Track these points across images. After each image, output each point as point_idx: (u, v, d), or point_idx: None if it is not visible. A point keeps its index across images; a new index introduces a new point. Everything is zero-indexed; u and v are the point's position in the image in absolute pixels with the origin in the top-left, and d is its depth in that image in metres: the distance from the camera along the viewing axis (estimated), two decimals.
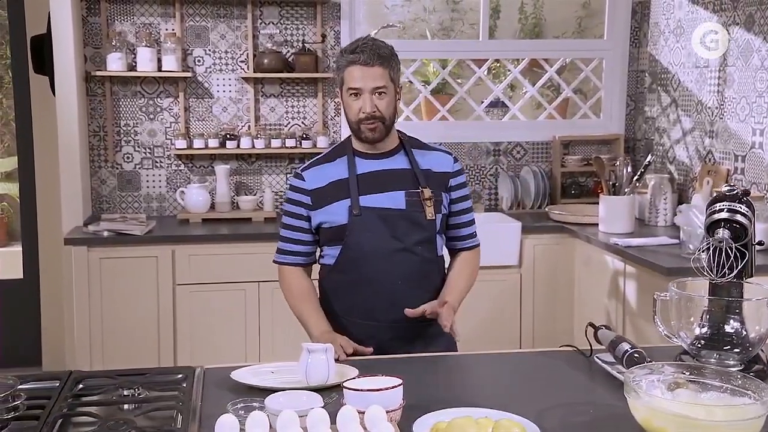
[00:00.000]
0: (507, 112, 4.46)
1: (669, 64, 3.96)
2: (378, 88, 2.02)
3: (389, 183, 2.07)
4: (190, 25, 3.96)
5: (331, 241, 2.09)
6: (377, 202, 2.05)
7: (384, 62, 2.03)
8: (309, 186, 2.10)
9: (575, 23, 5.43)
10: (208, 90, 4.00)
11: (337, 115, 4.12)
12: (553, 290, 3.76)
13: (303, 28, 4.04)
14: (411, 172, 2.09)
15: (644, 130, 4.25)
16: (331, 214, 2.07)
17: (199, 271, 3.50)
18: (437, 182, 2.10)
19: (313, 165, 2.14)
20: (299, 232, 2.14)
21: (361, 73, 2.01)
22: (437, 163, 2.13)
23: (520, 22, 5.52)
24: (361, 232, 2.04)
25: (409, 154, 2.11)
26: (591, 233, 3.57)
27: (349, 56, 2.03)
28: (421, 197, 2.05)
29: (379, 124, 2.04)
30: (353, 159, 2.10)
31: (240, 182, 4.07)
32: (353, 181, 2.06)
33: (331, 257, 2.11)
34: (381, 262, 2.04)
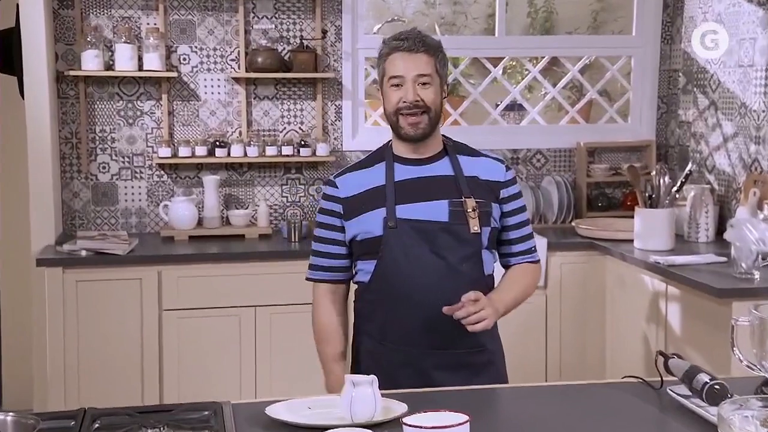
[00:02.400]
0: (525, 116, 4.50)
1: (707, 63, 4.02)
2: (422, 76, 2.03)
3: (430, 191, 2.07)
4: (174, 19, 3.96)
5: (366, 255, 2.10)
6: (416, 213, 2.06)
7: (430, 50, 2.05)
8: (342, 194, 2.12)
9: (590, 17, 5.50)
10: (194, 92, 4.00)
11: (338, 119, 4.14)
12: (582, 314, 3.78)
13: (300, 23, 4.05)
14: (455, 180, 2.10)
15: (678, 135, 4.30)
16: (365, 224, 2.07)
17: (187, 295, 3.49)
18: (485, 191, 2.11)
19: (347, 171, 2.16)
20: (332, 244, 2.15)
21: (404, 59, 2.03)
22: (486, 171, 2.14)
23: (529, 17, 5.58)
24: (397, 246, 2.04)
25: (454, 159, 2.12)
26: (625, 250, 3.59)
27: (392, 43, 2.06)
28: (464, 207, 2.06)
29: (423, 117, 2.05)
30: (392, 165, 2.10)
31: (230, 195, 4.06)
32: (390, 188, 2.07)
33: (365, 273, 2.12)
34: (419, 281, 2.04)
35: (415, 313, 2.05)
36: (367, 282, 2.11)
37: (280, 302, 3.54)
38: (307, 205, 4.13)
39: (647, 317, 3.44)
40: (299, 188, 4.12)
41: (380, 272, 2.07)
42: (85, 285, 3.42)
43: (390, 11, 5.20)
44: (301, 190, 4.13)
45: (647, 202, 3.62)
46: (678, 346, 3.21)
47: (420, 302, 2.05)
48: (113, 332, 3.45)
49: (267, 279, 3.54)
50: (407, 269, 2.04)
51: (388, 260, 2.05)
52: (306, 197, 4.13)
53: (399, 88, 2.04)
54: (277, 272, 3.55)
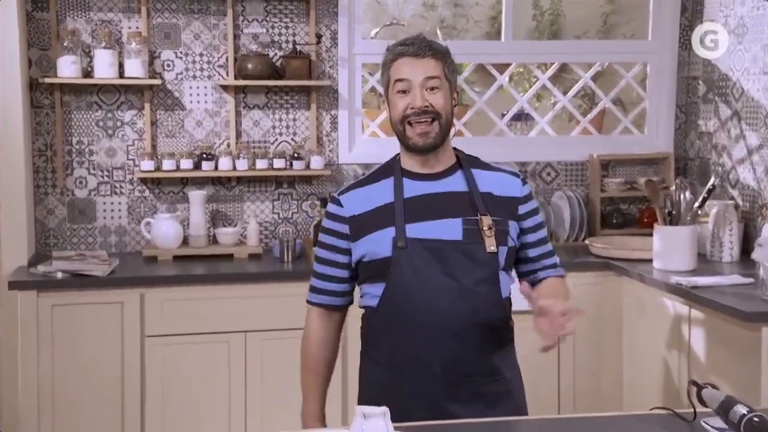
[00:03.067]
0: (533, 126, 4.49)
1: (729, 70, 4.01)
2: (430, 79, 2.04)
3: (443, 209, 2.07)
4: (157, 22, 3.95)
5: (373, 277, 2.09)
6: (427, 232, 2.05)
7: (437, 54, 2.07)
8: (347, 212, 2.11)
9: (599, 20, 5.51)
10: (179, 100, 3.99)
11: (334, 129, 4.12)
12: (597, 339, 3.76)
13: (294, 27, 4.05)
14: (468, 196, 2.09)
15: (698, 147, 4.30)
16: (373, 245, 2.07)
17: (172, 320, 3.47)
18: (501, 208, 2.11)
19: (352, 188, 2.16)
20: (333, 267, 2.15)
21: (411, 64, 2.04)
22: (501, 186, 2.14)
23: (534, 19, 5.58)
24: (408, 267, 2.04)
25: (468, 174, 2.12)
26: (644, 271, 3.58)
27: (396, 48, 2.08)
28: (479, 225, 2.05)
29: (433, 125, 2.05)
30: (401, 180, 2.10)
31: (218, 211, 4.04)
32: (399, 206, 2.06)
33: (372, 297, 2.11)
34: (431, 305, 2.03)
35: (426, 340, 2.04)
36: (375, 306, 2.10)
37: (272, 327, 3.52)
38: (301, 222, 4.11)
39: (668, 343, 3.42)
40: (292, 204, 4.10)
41: (389, 296, 2.06)
42: (61, 309, 3.39)
43: (388, 14, 5.20)
44: (293, 206, 4.11)
45: (667, 219, 3.60)
46: (702, 374, 3.18)
47: (432, 327, 2.04)
48: (91, 360, 3.42)
49: (258, 302, 3.52)
50: (418, 292, 2.04)
51: (398, 283, 2.05)
52: (299, 214, 4.11)
53: (405, 94, 2.05)
54: (269, 295, 3.54)
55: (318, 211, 4.07)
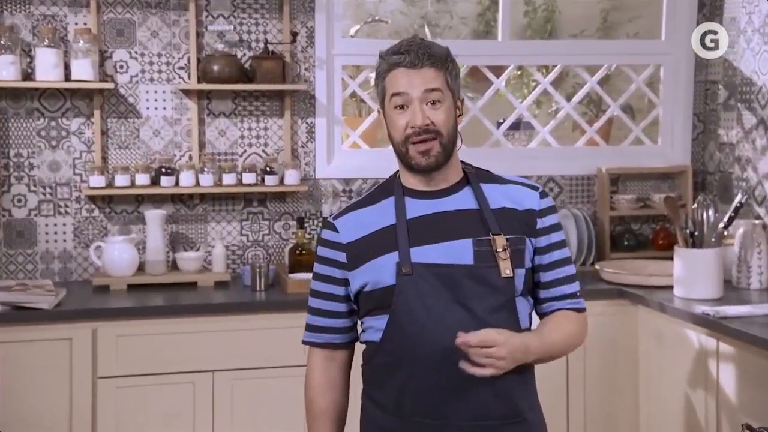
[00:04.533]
0: (534, 136, 4.50)
1: (753, 73, 4.06)
2: (430, 91, 2.05)
3: (451, 229, 2.08)
4: (109, 18, 3.92)
5: (376, 309, 2.09)
6: (434, 256, 2.05)
7: (437, 63, 2.07)
8: (344, 238, 2.12)
9: (599, 18, 5.56)
10: (134, 107, 3.96)
11: (311, 140, 4.11)
12: (610, 376, 3.76)
13: (265, 24, 4.04)
14: (479, 214, 2.09)
15: (718, 160, 4.33)
16: (374, 273, 2.07)
17: (128, 359, 3.44)
18: (517, 225, 2.11)
19: (348, 210, 2.16)
20: (332, 301, 2.15)
21: (408, 75, 2.05)
22: (515, 199, 2.14)
23: (527, 17, 5.62)
24: (414, 296, 2.04)
25: (477, 189, 2.13)
26: (664, 299, 3.59)
27: (391, 58, 2.07)
28: (492, 247, 2.05)
29: (434, 143, 2.06)
30: (402, 200, 2.11)
31: (179, 233, 4.02)
32: (402, 228, 2.07)
33: (375, 331, 2.11)
34: (441, 338, 2.02)
35: (436, 377, 2.04)
36: (378, 341, 2.10)
37: (243, 366, 3.50)
38: (273, 245, 4.08)
39: (692, 380, 3.42)
40: (263, 225, 4.08)
41: (394, 329, 2.06)
42: (1, 348, 3.33)
43: (368, 10, 5.21)
44: (264, 227, 4.09)
45: (689, 240, 3.62)
46: (733, 414, 3.19)
47: (442, 363, 2.03)
48: (36, 405, 3.37)
49: (226, 337, 3.50)
50: (426, 324, 2.03)
51: (403, 314, 2.05)
52: (271, 236, 4.09)
53: (404, 110, 2.06)
54: (239, 329, 3.52)
55: (293, 232, 4.06)
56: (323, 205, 4.10)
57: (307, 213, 4.10)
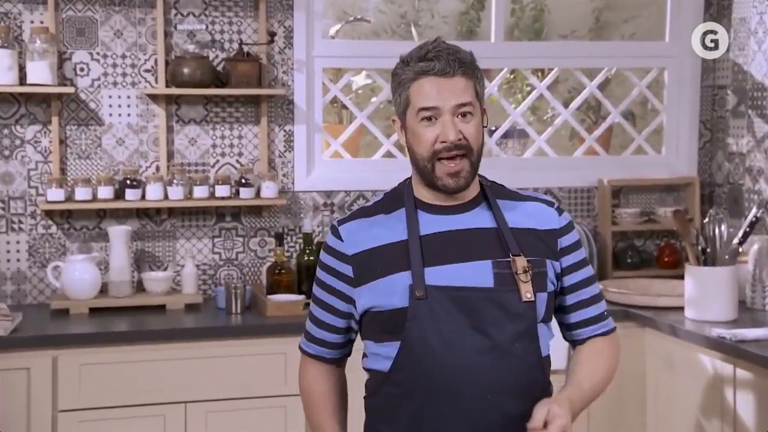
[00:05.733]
0: (529, 144, 4.50)
1: (765, 77, 4.08)
2: (462, 106, 2.04)
3: (468, 249, 2.07)
4: (69, 16, 3.90)
5: (384, 334, 2.08)
6: (451, 278, 2.05)
7: (467, 70, 2.06)
8: (349, 248, 2.12)
9: (591, 18, 5.58)
10: (95, 113, 3.93)
11: (289, 149, 4.08)
12: (616, 405, 3.75)
13: (239, 23, 4.03)
14: (497, 233, 2.09)
15: (727, 171, 4.35)
16: (382, 293, 2.06)
17: (92, 390, 3.41)
18: (537, 246, 2.11)
19: (355, 216, 2.16)
20: (331, 313, 2.17)
21: (437, 86, 2.03)
22: (535, 218, 2.14)
23: (514, 16, 5.63)
24: (428, 322, 2.03)
25: (494, 206, 2.13)
26: (674, 321, 3.59)
27: (417, 65, 2.06)
28: (512, 269, 2.04)
29: (464, 162, 2.06)
30: (415, 213, 2.10)
31: (145, 251, 3.99)
32: (415, 245, 2.06)
33: (383, 359, 2.09)
34: (460, 369, 2.02)
35: (454, 411, 2.03)
36: (387, 371, 2.08)
37: (217, 396, 3.49)
38: (248, 263, 4.06)
39: (706, 409, 3.42)
40: (236, 242, 4.06)
41: (406, 357, 2.05)
42: None
43: (344, 8, 5.19)
44: (238, 245, 4.06)
45: (701, 258, 3.62)
46: None
47: (460, 396, 2.03)
48: None
49: (199, 365, 3.48)
50: (442, 353, 2.02)
51: (417, 341, 2.03)
52: (246, 254, 4.06)
53: (432, 123, 2.05)
54: (213, 355, 3.50)
55: (270, 250, 4.04)
56: (302, 220, 4.07)
57: (285, 228, 4.07)
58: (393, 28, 5.47)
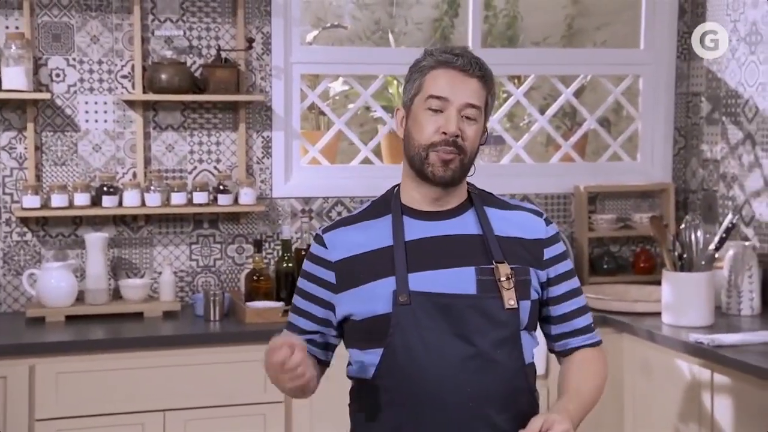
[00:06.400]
0: (506, 151, 4.51)
1: (739, 85, 4.11)
2: (470, 107, 2.06)
3: (452, 255, 2.08)
4: (44, 21, 3.88)
5: (366, 341, 2.08)
6: (435, 284, 2.05)
7: (485, 78, 2.09)
8: (333, 255, 2.12)
9: (564, 25, 5.61)
10: (71, 119, 3.92)
11: (267, 155, 4.07)
12: (594, 409, 3.71)
13: (217, 29, 4.03)
14: (481, 240, 2.10)
15: (702, 177, 4.38)
16: (366, 300, 2.07)
17: (69, 399, 3.38)
18: (522, 254, 2.12)
19: (340, 224, 2.16)
20: (310, 320, 2.16)
21: (454, 80, 2.06)
22: (521, 227, 2.15)
23: (487, 23, 5.65)
24: (411, 328, 2.03)
25: (481, 213, 2.13)
26: (652, 326, 3.61)
27: (441, 56, 2.08)
28: (495, 276, 2.06)
29: (457, 158, 2.06)
30: (400, 218, 2.11)
31: (122, 259, 3.97)
32: (400, 251, 2.07)
33: (365, 366, 2.09)
34: (442, 375, 2.03)
35: (437, 418, 2.03)
36: (369, 378, 2.08)
37: (196, 404, 3.48)
38: (225, 270, 4.05)
39: (684, 414, 3.44)
40: (214, 248, 4.05)
41: (389, 364, 2.05)
42: None
43: (329, 15, 5.19)
44: (216, 251, 4.05)
45: (677, 263, 3.64)
46: None
47: (443, 403, 2.03)
48: None
49: (178, 373, 3.47)
50: (425, 360, 2.03)
51: (400, 348, 2.03)
52: (223, 260, 4.04)
53: (437, 114, 2.06)
54: (192, 363, 3.49)
55: (248, 256, 4.03)
56: (281, 227, 4.05)
57: (263, 235, 4.05)
58: (367, 34, 5.47)
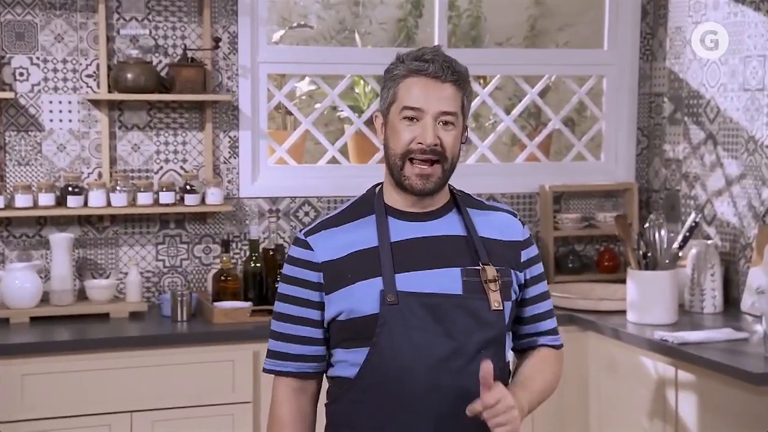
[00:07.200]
0: (472, 151, 4.52)
1: (701, 86, 4.15)
2: (446, 114, 2.04)
3: (438, 256, 2.07)
4: (7, 19, 3.85)
5: (352, 341, 2.07)
6: (423, 285, 2.04)
7: (459, 81, 2.06)
8: (319, 257, 2.09)
9: (526, 25, 5.64)
10: (35, 118, 3.88)
11: (233, 155, 4.05)
12: (558, 409, 3.77)
13: (183, 28, 4.01)
14: (467, 241, 2.10)
15: (664, 177, 4.42)
16: (353, 300, 2.05)
17: (34, 401, 3.36)
18: (503, 256, 2.12)
19: (322, 227, 2.13)
20: (304, 325, 2.11)
21: (427, 88, 2.03)
22: (501, 229, 2.15)
23: (451, 23, 5.67)
24: (399, 328, 2.02)
25: (465, 214, 2.13)
26: (617, 324, 3.64)
27: (412, 64, 2.05)
28: (481, 277, 2.06)
29: (437, 168, 2.05)
30: (385, 219, 2.09)
31: (87, 259, 3.95)
32: (386, 252, 2.05)
33: (350, 366, 2.08)
34: (427, 375, 2.02)
35: (420, 419, 2.03)
36: (353, 377, 2.07)
37: (164, 405, 3.47)
38: (192, 271, 4.03)
39: (649, 411, 3.47)
40: (180, 249, 4.03)
41: (374, 364, 2.03)
42: None
43: (289, 13, 5.18)
44: (182, 252, 4.03)
45: (641, 262, 3.67)
46: None
47: (426, 402, 2.02)
48: None
49: (145, 374, 3.46)
50: (412, 360, 2.02)
51: (386, 347, 2.02)
52: (190, 261, 4.03)
53: (413, 123, 2.04)
54: (159, 364, 3.48)
55: (215, 257, 4.01)
56: (248, 227, 4.03)
57: (231, 235, 4.04)
58: (332, 34, 5.46)
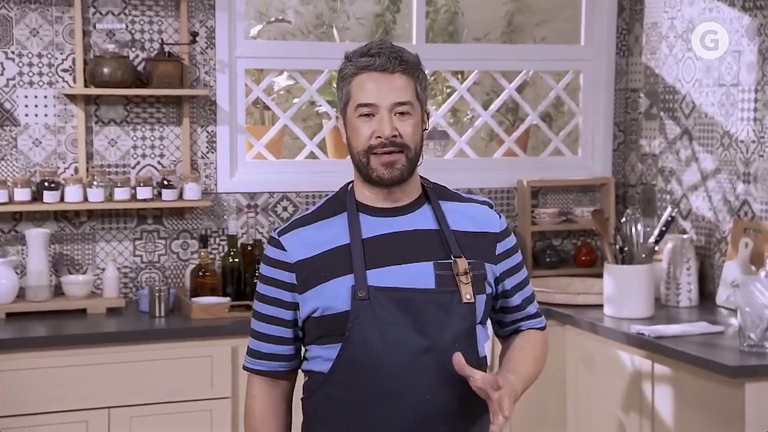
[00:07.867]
0: (450, 146, 4.52)
1: (677, 81, 4.17)
2: (400, 104, 2.05)
3: (410, 250, 2.08)
4: None
5: (326, 336, 2.08)
6: (393, 279, 2.06)
7: (409, 70, 2.07)
8: (292, 257, 2.10)
9: (504, 21, 5.65)
10: (10, 113, 3.87)
11: (211, 150, 4.04)
12: (537, 403, 3.78)
13: (160, 23, 3.99)
14: (439, 234, 2.10)
15: (640, 171, 4.43)
16: (326, 297, 2.06)
17: (12, 397, 3.33)
18: (477, 248, 2.12)
19: (295, 226, 2.14)
20: (278, 325, 2.14)
21: (377, 83, 2.04)
22: (475, 220, 2.16)
23: (428, 18, 5.67)
24: (369, 323, 2.03)
25: (436, 207, 2.13)
26: (594, 318, 3.65)
27: (359, 60, 2.06)
28: (453, 270, 2.06)
29: (400, 156, 2.06)
30: (356, 216, 2.10)
31: (64, 255, 3.93)
32: (357, 248, 2.06)
33: (323, 361, 2.09)
34: (400, 369, 2.03)
35: (393, 413, 2.04)
36: (326, 372, 2.08)
37: (142, 401, 3.46)
38: (170, 266, 4.02)
39: (626, 404, 3.48)
40: (158, 244, 4.02)
41: (347, 358, 2.05)
42: None
43: (260, 9, 5.17)
44: (160, 247, 4.02)
45: (618, 256, 3.68)
46: None
47: (399, 396, 2.03)
48: None
49: (123, 370, 3.45)
50: (384, 354, 2.03)
51: (358, 342, 2.03)
52: (168, 256, 4.01)
53: (370, 118, 2.06)
54: (137, 360, 3.47)
55: (192, 252, 4.00)
56: (226, 222, 4.02)
57: (209, 230, 4.02)
58: (310, 29, 5.46)
